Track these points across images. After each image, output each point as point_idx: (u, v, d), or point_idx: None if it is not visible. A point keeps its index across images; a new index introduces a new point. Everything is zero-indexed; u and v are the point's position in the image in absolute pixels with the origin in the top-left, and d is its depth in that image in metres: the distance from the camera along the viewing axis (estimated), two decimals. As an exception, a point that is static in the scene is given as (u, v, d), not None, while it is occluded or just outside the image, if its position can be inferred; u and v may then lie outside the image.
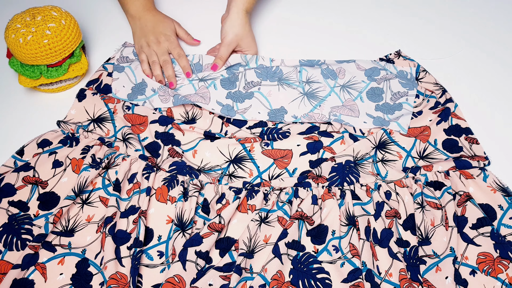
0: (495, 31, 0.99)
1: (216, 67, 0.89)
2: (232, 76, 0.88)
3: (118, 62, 0.90)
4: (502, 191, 0.75)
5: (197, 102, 0.84)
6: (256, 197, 0.75)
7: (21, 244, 0.71)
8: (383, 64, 0.90)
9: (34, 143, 0.80)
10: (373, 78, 0.88)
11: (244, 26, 0.89)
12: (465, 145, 0.80)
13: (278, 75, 0.88)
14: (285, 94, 0.86)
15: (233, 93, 0.86)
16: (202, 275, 0.68)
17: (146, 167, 0.77)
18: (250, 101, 0.85)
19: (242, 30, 0.88)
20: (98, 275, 0.69)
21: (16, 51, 0.81)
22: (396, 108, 0.85)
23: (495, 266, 0.69)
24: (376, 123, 0.83)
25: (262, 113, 0.84)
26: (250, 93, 0.86)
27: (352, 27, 1.00)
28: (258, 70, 0.88)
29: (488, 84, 0.91)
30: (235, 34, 0.88)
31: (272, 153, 0.81)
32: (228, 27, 0.88)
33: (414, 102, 0.86)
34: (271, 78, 0.88)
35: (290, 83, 0.87)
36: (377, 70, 0.89)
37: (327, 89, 0.86)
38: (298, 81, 0.87)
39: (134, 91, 0.86)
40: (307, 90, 0.86)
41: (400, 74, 0.89)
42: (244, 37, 0.89)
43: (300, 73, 0.88)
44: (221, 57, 0.89)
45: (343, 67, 0.89)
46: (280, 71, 0.88)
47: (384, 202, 0.74)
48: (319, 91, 0.86)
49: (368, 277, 0.67)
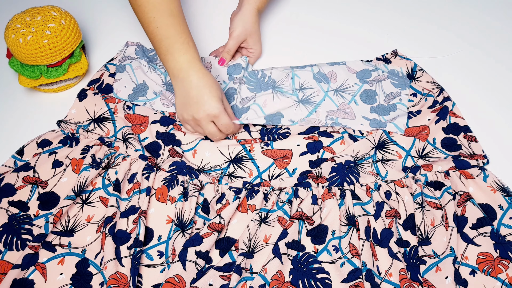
0: (492, 29, 0.99)
1: (224, 61, 0.89)
2: (231, 88, 0.87)
3: (120, 62, 0.90)
4: (502, 191, 0.75)
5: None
6: (256, 197, 0.75)
7: (21, 244, 0.71)
8: (374, 64, 0.89)
9: (34, 143, 0.80)
10: (365, 80, 0.87)
11: (254, 24, 0.89)
12: (463, 143, 0.80)
13: (271, 83, 0.88)
14: (280, 103, 0.85)
15: (231, 107, 0.85)
16: (202, 275, 0.68)
17: (146, 167, 0.77)
18: (247, 114, 0.84)
19: (251, 26, 0.89)
20: (98, 275, 0.69)
21: (16, 51, 0.81)
22: (391, 109, 0.84)
23: (495, 266, 0.69)
24: (373, 125, 0.82)
25: (259, 119, 0.84)
26: (246, 108, 0.85)
27: (349, 26, 1.00)
28: (250, 86, 0.88)
29: (485, 83, 0.91)
30: (244, 28, 0.88)
31: (272, 153, 0.81)
32: (238, 21, 0.89)
33: (408, 101, 0.86)
34: (265, 88, 0.87)
35: (284, 92, 0.86)
36: (368, 72, 0.88)
37: (321, 93, 0.86)
38: (292, 89, 0.86)
39: (135, 92, 0.86)
40: (301, 97, 0.86)
41: (391, 73, 0.88)
42: (252, 34, 0.90)
43: (292, 79, 0.87)
44: (228, 50, 0.89)
45: (335, 71, 0.88)
46: (273, 80, 0.88)
47: (384, 202, 0.74)
48: (313, 96, 0.86)
49: (368, 277, 0.67)
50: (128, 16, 1.02)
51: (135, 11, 0.79)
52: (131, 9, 1.03)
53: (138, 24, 1.00)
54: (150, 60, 0.91)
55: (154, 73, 0.89)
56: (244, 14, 0.89)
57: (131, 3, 0.79)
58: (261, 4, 0.90)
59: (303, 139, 0.81)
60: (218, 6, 1.02)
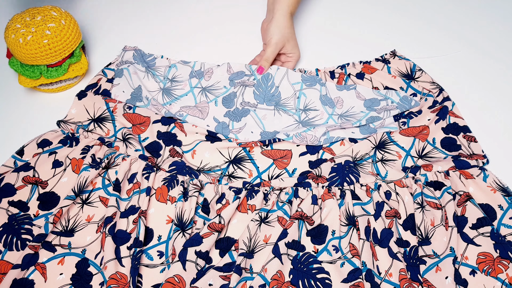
0: (492, 29, 0.99)
1: (262, 69, 0.88)
2: (232, 93, 0.87)
3: (117, 67, 0.89)
4: (502, 191, 0.75)
5: (183, 120, 0.83)
6: (256, 197, 0.75)
7: (21, 244, 0.71)
8: (384, 93, 0.87)
9: (34, 143, 0.80)
10: (373, 108, 0.86)
11: (290, 28, 0.88)
12: (463, 143, 0.80)
13: (276, 99, 0.86)
14: (280, 120, 0.84)
15: (232, 112, 0.85)
16: (202, 275, 0.68)
17: (146, 167, 0.77)
18: (246, 119, 0.84)
19: (288, 32, 0.88)
20: (98, 275, 0.69)
21: (16, 51, 0.81)
22: (378, 119, 0.84)
23: (495, 266, 0.69)
24: (363, 131, 0.82)
25: (254, 133, 0.83)
26: (246, 110, 0.85)
27: (348, 26, 1.00)
28: (256, 92, 0.87)
29: (485, 83, 0.91)
30: (281, 35, 0.87)
31: (272, 153, 0.81)
32: (274, 29, 0.87)
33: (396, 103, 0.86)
34: (268, 101, 0.86)
35: (286, 110, 0.85)
36: (377, 101, 0.86)
37: (324, 116, 0.84)
38: (295, 109, 0.85)
39: (133, 97, 0.86)
40: (303, 118, 0.84)
41: (404, 100, 0.86)
42: (290, 39, 0.89)
43: (298, 99, 0.86)
44: (267, 58, 0.88)
45: (342, 97, 0.87)
46: (279, 94, 0.87)
47: (384, 202, 0.74)
48: (315, 120, 0.84)
49: (368, 277, 0.67)
50: (128, 15, 1.02)
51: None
52: (131, 9, 1.03)
53: (138, 24, 1.00)
54: (148, 66, 0.90)
55: (152, 79, 0.89)
56: (279, 21, 0.87)
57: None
58: (293, 7, 0.89)
59: (303, 139, 0.81)
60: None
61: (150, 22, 1.01)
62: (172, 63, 0.91)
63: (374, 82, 0.89)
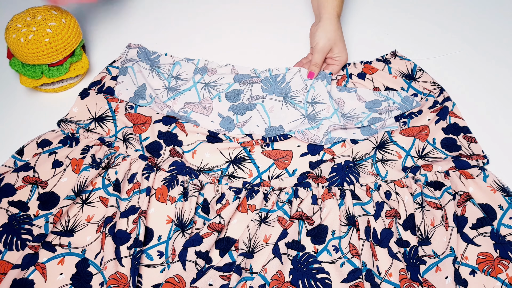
0: (492, 29, 0.99)
1: (313, 74, 0.88)
2: (238, 89, 0.87)
3: (121, 65, 0.90)
4: (502, 191, 0.75)
5: (186, 120, 0.83)
6: (256, 197, 0.75)
7: (21, 244, 0.71)
8: (385, 94, 0.87)
9: (34, 143, 0.80)
10: (374, 109, 0.86)
11: (336, 31, 0.88)
12: (463, 143, 0.80)
13: (286, 90, 0.87)
14: (286, 114, 0.85)
15: (236, 105, 0.85)
16: (202, 275, 0.68)
17: (146, 167, 0.77)
18: (251, 113, 0.84)
19: (335, 35, 0.88)
20: (98, 275, 0.69)
21: (18, 51, 0.81)
22: (380, 120, 0.84)
23: (495, 266, 0.69)
24: (365, 132, 0.82)
25: (260, 127, 0.83)
26: (252, 104, 0.85)
27: (349, 26, 1.00)
28: (264, 86, 0.87)
29: (485, 83, 0.91)
30: (328, 39, 0.87)
31: (272, 153, 0.81)
32: (320, 33, 0.87)
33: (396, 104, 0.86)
34: (278, 93, 0.86)
35: (294, 103, 0.86)
36: (378, 102, 0.86)
37: (330, 110, 0.84)
38: (303, 102, 0.86)
39: (136, 95, 0.86)
40: (310, 112, 0.84)
41: (405, 101, 0.86)
42: (337, 42, 0.88)
43: (308, 92, 0.86)
44: (315, 63, 0.88)
45: (343, 98, 0.87)
46: (289, 87, 0.87)
47: (384, 202, 0.74)
48: (321, 113, 0.84)
49: (368, 277, 0.67)
50: (127, 15, 1.02)
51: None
52: (130, 8, 1.03)
53: (137, 23, 1.00)
54: (153, 64, 0.91)
55: (156, 77, 0.89)
56: (325, 24, 0.87)
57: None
58: (338, 9, 0.88)
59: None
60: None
61: (150, 21, 1.01)
62: (176, 60, 0.91)
63: (375, 82, 0.89)
